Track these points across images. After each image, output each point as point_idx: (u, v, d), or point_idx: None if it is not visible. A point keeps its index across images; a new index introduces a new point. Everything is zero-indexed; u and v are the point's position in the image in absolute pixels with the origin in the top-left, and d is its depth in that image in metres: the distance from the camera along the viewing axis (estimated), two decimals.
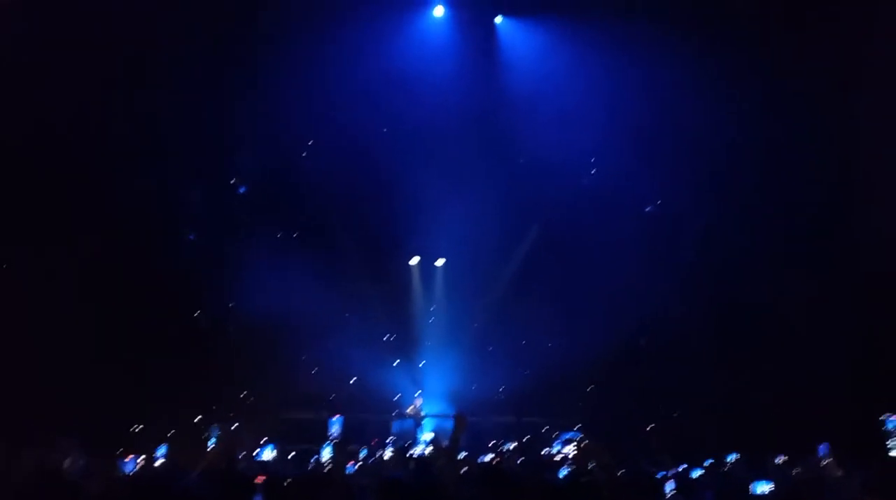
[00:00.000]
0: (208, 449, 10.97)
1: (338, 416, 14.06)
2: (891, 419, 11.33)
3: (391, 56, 13.81)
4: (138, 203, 13.39)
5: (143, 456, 9.74)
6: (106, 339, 12.93)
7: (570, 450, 12.43)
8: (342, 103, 13.93)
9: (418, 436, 14.23)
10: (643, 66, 13.32)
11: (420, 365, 16.77)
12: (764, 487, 6.30)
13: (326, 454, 10.71)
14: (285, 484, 4.17)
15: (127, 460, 9.49)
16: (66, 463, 7.87)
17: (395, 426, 15.10)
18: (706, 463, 9.26)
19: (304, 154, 15.11)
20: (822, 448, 9.44)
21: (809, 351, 12.95)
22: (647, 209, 15.91)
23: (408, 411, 15.35)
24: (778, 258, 13.78)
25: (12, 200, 11.79)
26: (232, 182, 15.40)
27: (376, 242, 15.99)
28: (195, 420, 13.72)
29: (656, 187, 15.51)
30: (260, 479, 4.15)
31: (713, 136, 13.72)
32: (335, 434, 13.78)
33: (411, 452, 12.47)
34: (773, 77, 13.00)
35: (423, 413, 15.20)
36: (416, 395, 15.67)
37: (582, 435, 13.00)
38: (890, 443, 11.21)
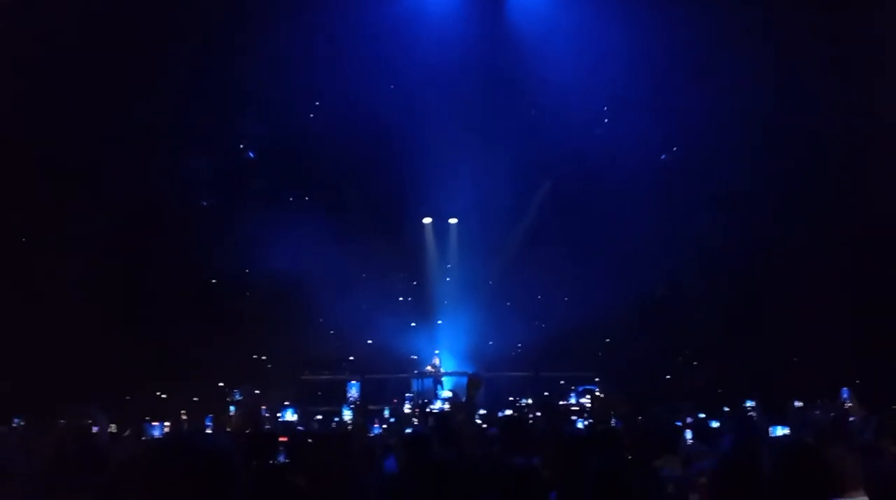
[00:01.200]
0: (231, 413, 11.20)
1: (355, 380, 14.22)
2: None
3: (398, 12, 13.55)
4: (154, 171, 13.43)
5: (169, 422, 9.95)
6: (127, 308, 13.14)
7: (586, 401, 12.55)
8: (351, 62, 13.75)
9: (437, 394, 14.38)
10: (657, 10, 12.96)
11: (437, 324, 16.86)
12: (781, 431, 6.33)
13: (347, 415, 10.89)
14: (309, 441, 4.24)
15: (154, 425, 9.71)
16: (95, 430, 8.06)
17: (415, 384, 15.25)
18: (724, 410, 9.31)
19: (311, 115, 14.98)
20: (845, 392, 9.50)
21: (829, 299, 12.88)
22: (663, 157, 15.69)
23: (426, 369, 15.49)
24: (798, 206, 13.60)
25: (30, 169, 11.87)
26: (243, 146, 15.35)
27: (389, 202, 15.93)
28: (218, 385, 13.97)
29: (672, 137, 15.28)
30: (283, 438, 4.22)
31: (732, 83, 13.38)
32: (354, 398, 13.97)
33: (430, 408, 12.66)
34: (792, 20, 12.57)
35: (441, 371, 15.33)
36: (434, 354, 15.79)
37: (598, 387, 13.09)
38: None
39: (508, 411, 13.71)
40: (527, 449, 4.40)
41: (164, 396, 13.62)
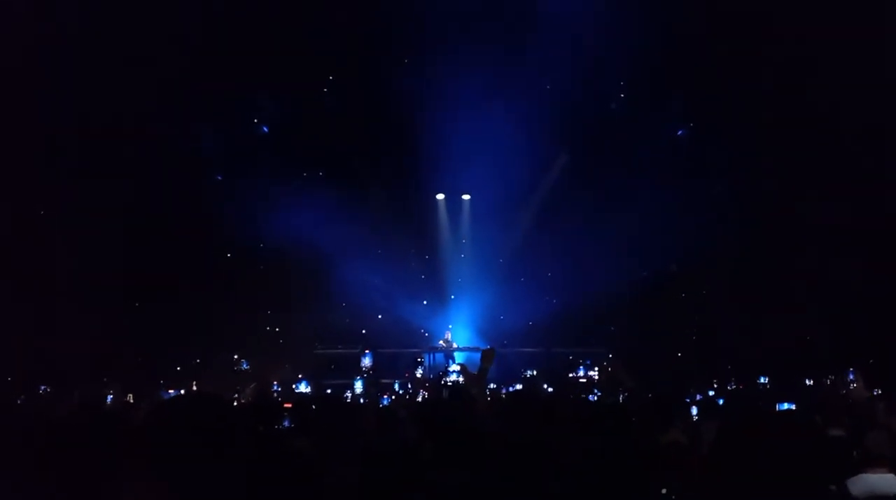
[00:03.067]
0: (242, 385, 11.36)
1: (368, 351, 14.34)
2: None
3: None
4: (166, 144, 13.49)
5: (182, 390, 10.12)
6: (144, 282, 13.31)
7: (594, 374, 12.60)
8: (364, 39, 13.66)
9: (450, 368, 14.49)
10: None
11: (450, 299, 16.93)
12: (788, 408, 6.33)
13: (358, 386, 11.01)
14: (313, 407, 4.31)
15: (170, 392, 9.89)
16: (110, 398, 8.23)
17: (427, 358, 15.36)
18: (731, 387, 9.33)
19: (325, 90, 14.94)
20: (850, 373, 9.53)
21: (839, 280, 12.78)
22: (679, 133, 15.52)
23: (439, 343, 15.60)
24: (809, 188, 13.42)
25: (41, 146, 11.97)
26: (257, 121, 15.36)
27: (402, 178, 15.92)
28: (232, 357, 14.17)
29: (688, 113, 15.09)
30: (288, 405, 4.28)
31: (751, 60, 13.12)
32: (366, 368, 14.10)
33: (445, 379, 12.76)
34: None
35: (454, 346, 15.43)
36: (446, 328, 15.88)
37: (606, 360, 13.12)
38: None
39: (519, 386, 13.79)
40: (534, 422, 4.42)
41: (178, 368, 13.83)
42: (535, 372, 13.39)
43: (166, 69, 12.56)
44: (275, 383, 11.82)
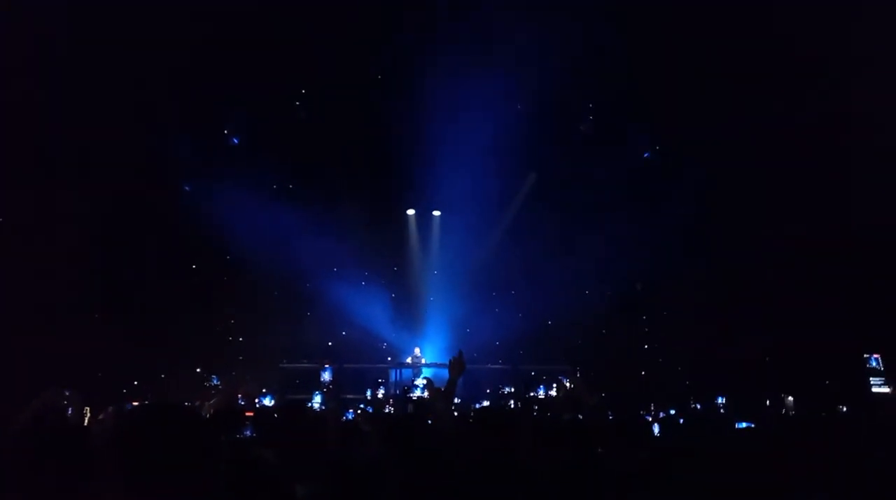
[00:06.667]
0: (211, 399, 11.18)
1: (328, 365, 14.26)
2: (873, 357, 12.04)
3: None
4: (134, 153, 13.31)
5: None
6: (106, 293, 13.05)
7: (554, 392, 12.72)
8: (335, 52, 13.69)
9: (415, 382, 14.48)
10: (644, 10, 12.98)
11: (419, 315, 16.94)
12: (745, 426, 6.48)
13: (317, 401, 10.94)
14: (275, 416, 4.30)
15: (133, 404, 9.70)
16: (69, 412, 8.03)
17: (393, 374, 15.32)
18: (694, 407, 9.50)
19: (296, 103, 14.94)
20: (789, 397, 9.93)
21: (802, 302, 13.11)
22: (646, 156, 15.83)
23: (407, 360, 15.57)
24: (771, 207, 13.77)
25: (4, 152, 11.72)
26: (227, 132, 15.26)
27: (373, 192, 15.95)
28: (196, 371, 13.96)
29: (654, 136, 15.40)
30: (250, 413, 4.26)
31: (715, 84, 13.45)
32: (326, 382, 13.98)
33: (410, 394, 12.75)
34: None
35: (422, 361, 15.42)
36: (415, 346, 15.88)
37: (569, 377, 13.23)
38: (873, 380, 11.93)
39: (486, 403, 13.86)
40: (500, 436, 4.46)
41: (140, 383, 13.57)
42: (511, 389, 13.45)
43: (136, 77, 12.44)
44: (239, 396, 11.65)
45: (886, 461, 3.61)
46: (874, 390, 12.08)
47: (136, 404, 9.54)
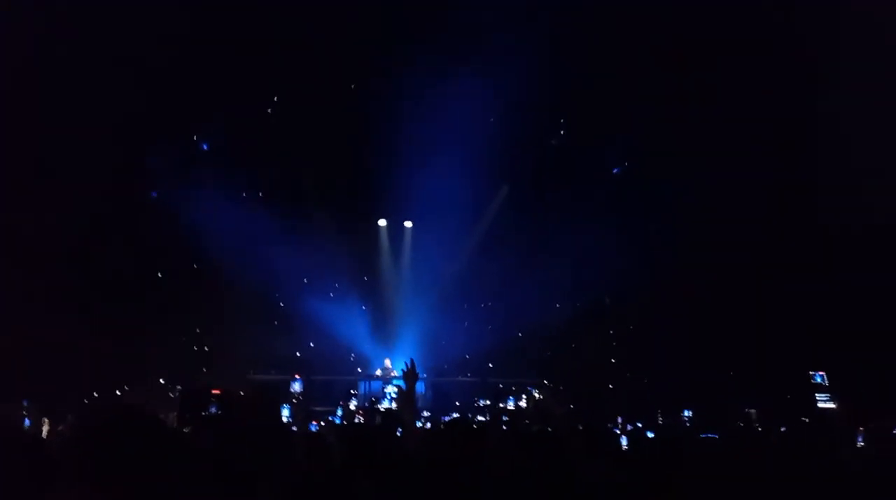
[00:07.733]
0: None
1: (298, 377, 14.12)
2: (817, 374, 12.48)
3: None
4: (97, 160, 13.06)
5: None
6: (69, 302, 12.75)
7: (523, 404, 12.77)
8: (311, 60, 13.65)
9: (385, 395, 14.39)
10: (618, 26, 13.14)
11: (390, 326, 16.87)
12: (709, 438, 6.56)
13: (285, 413, 10.81)
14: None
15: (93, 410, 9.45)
16: (27, 424, 7.82)
17: (362, 386, 15.22)
18: (661, 421, 9.59)
19: (268, 111, 14.84)
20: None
21: (769, 313, 13.36)
22: (615, 171, 16.02)
23: (376, 372, 15.48)
24: (737, 224, 14.00)
25: None
26: (196, 138, 15.09)
27: (344, 203, 15.89)
28: (160, 382, 13.70)
29: (626, 149, 15.58)
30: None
31: (691, 95, 13.63)
32: (295, 394, 13.84)
33: (378, 406, 12.67)
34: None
35: (392, 374, 15.34)
36: (385, 357, 15.79)
37: (537, 389, 13.30)
38: (818, 396, 12.39)
39: (456, 415, 13.81)
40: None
41: (96, 394, 13.25)
42: (488, 402, 13.45)
43: (104, 83, 12.25)
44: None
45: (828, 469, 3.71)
46: (819, 405, 12.55)
47: (94, 408, 9.30)
